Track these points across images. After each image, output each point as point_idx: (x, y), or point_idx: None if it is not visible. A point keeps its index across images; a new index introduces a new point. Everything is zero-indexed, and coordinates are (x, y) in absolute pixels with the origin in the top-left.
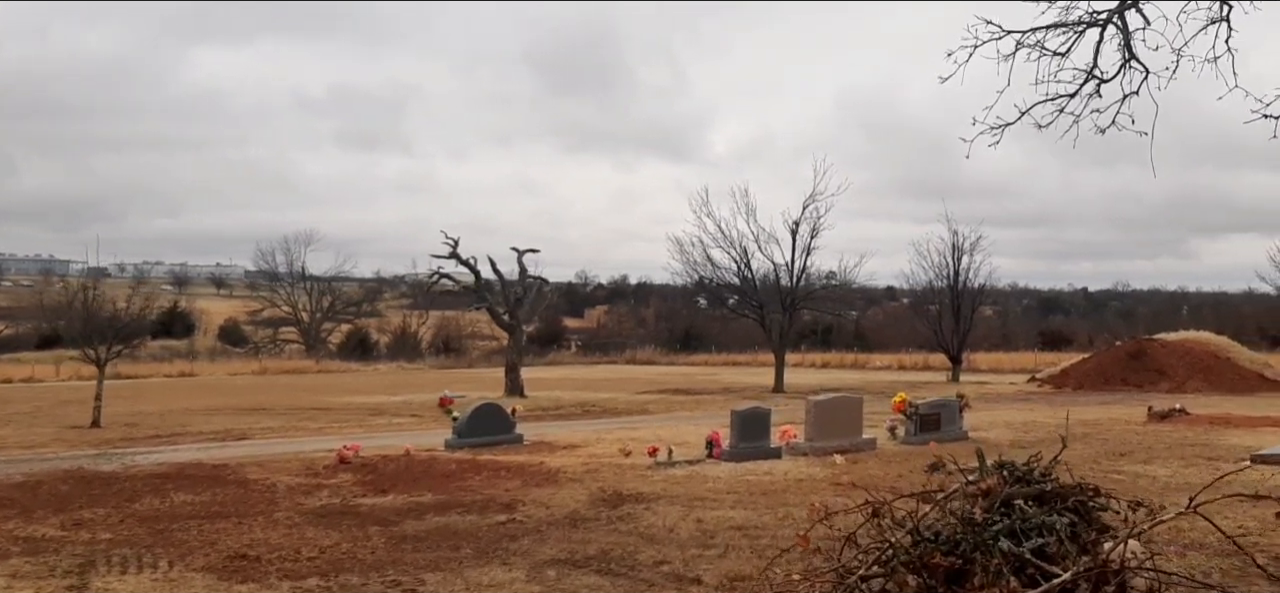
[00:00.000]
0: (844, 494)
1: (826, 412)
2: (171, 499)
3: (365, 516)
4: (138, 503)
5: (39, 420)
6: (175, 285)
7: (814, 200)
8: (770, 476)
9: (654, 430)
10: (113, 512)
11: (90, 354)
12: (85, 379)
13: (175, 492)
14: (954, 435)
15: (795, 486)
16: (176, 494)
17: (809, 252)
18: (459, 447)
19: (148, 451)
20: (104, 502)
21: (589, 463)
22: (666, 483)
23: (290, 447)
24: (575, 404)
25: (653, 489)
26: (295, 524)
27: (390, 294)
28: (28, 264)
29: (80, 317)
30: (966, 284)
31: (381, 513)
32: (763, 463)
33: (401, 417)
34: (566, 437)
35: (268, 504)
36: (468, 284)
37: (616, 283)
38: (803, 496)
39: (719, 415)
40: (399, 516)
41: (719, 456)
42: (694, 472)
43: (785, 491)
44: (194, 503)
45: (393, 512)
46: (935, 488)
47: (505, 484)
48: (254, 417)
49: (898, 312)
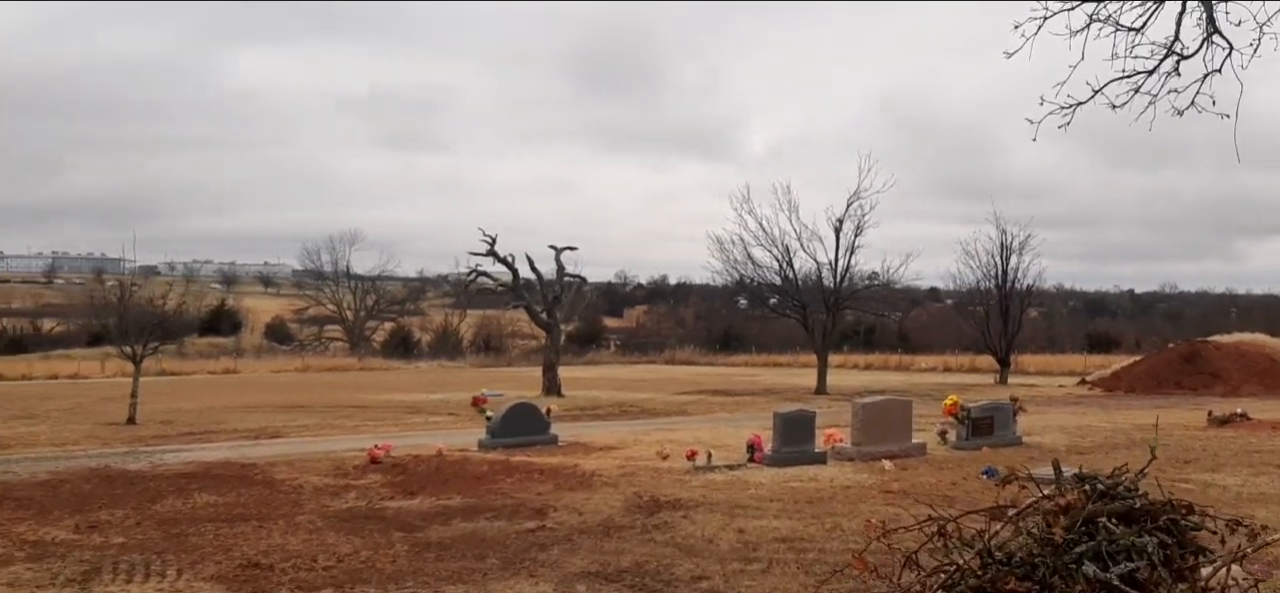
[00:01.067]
0: (894, 503)
1: (874, 415)
2: (194, 500)
3: (390, 520)
4: (159, 504)
5: (77, 417)
6: (223, 284)
7: (858, 198)
8: (815, 482)
9: (693, 433)
10: (131, 513)
11: (127, 351)
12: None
13: (199, 492)
14: (1007, 440)
15: (842, 493)
16: (200, 495)
17: (853, 250)
18: (492, 447)
19: (179, 449)
20: (124, 502)
21: (625, 466)
22: (706, 489)
23: (323, 446)
24: (612, 404)
25: (691, 496)
26: (316, 529)
27: (433, 293)
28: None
29: (117, 313)
30: (1015, 285)
31: (407, 517)
32: (807, 468)
33: (438, 416)
34: (603, 438)
35: (292, 507)
36: (506, 283)
37: (656, 283)
38: (850, 504)
39: (760, 418)
40: (425, 520)
41: (761, 460)
42: (735, 477)
43: (832, 499)
44: (216, 505)
45: (419, 516)
46: (1006, 502)
47: (537, 488)
48: (290, 415)
49: (941, 313)
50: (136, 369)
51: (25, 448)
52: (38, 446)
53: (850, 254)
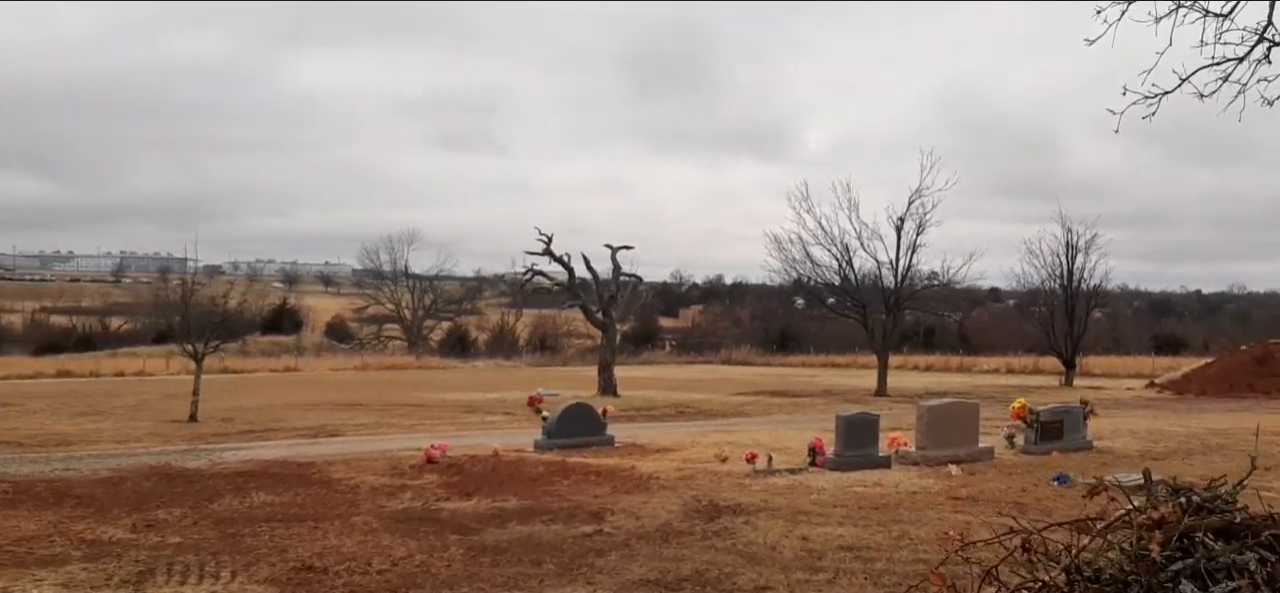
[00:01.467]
0: (963, 510)
1: (940, 418)
2: (252, 499)
3: (445, 522)
4: (216, 503)
5: (140, 414)
6: (285, 283)
7: (920, 196)
8: (880, 487)
9: (752, 434)
10: (189, 512)
11: (189, 349)
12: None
13: (257, 491)
14: (1077, 445)
15: (908, 499)
16: (258, 494)
17: (914, 249)
18: (548, 448)
19: (238, 447)
20: (183, 501)
21: (683, 469)
22: (767, 493)
23: (380, 445)
24: (669, 405)
25: (752, 500)
26: (372, 530)
27: (490, 292)
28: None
29: (180, 312)
30: (1081, 285)
31: (463, 519)
32: (871, 473)
33: (494, 415)
34: (660, 439)
35: (348, 507)
36: (562, 282)
37: (712, 282)
38: (917, 511)
39: (820, 420)
40: (481, 523)
41: (823, 464)
42: (796, 482)
43: (898, 505)
44: (273, 504)
45: (474, 518)
46: (1094, 515)
47: (594, 490)
48: (349, 413)
49: (1003, 313)
50: (198, 367)
51: (89, 445)
52: (101, 443)
53: (911, 253)
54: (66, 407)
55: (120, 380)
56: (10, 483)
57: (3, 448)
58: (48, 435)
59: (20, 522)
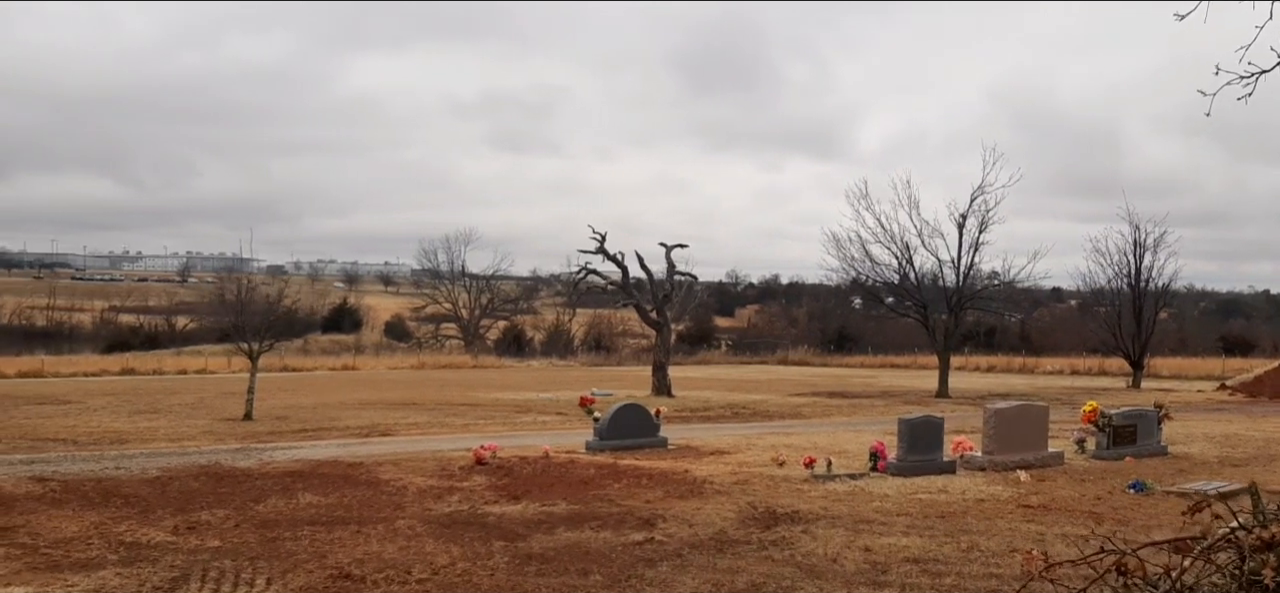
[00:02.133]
0: (1034, 519)
1: (1008, 422)
2: (298, 500)
3: (491, 527)
4: (262, 504)
5: (197, 412)
6: (346, 283)
7: (982, 192)
8: (946, 494)
9: (809, 437)
10: (232, 514)
11: (244, 348)
12: None
13: (304, 492)
14: (1151, 450)
15: (975, 507)
16: (304, 495)
17: (977, 247)
18: (600, 449)
19: (290, 446)
20: (229, 502)
21: (738, 473)
22: (826, 500)
23: (431, 444)
24: (724, 406)
25: (811, 507)
26: (415, 535)
27: (546, 292)
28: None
29: (235, 311)
30: (1149, 284)
31: (510, 524)
32: (935, 479)
33: (547, 415)
34: (714, 441)
35: (394, 509)
36: (616, 281)
37: (767, 282)
38: (986, 520)
39: (879, 422)
40: (528, 528)
41: (884, 468)
42: (857, 487)
43: (965, 513)
44: (318, 506)
45: (522, 523)
46: (1198, 534)
47: (645, 495)
48: (402, 412)
49: (1064, 313)
50: (253, 366)
51: (143, 443)
52: (155, 441)
53: (974, 251)
54: (126, 404)
55: (181, 378)
56: (60, 481)
57: (58, 445)
58: (104, 433)
59: (64, 522)
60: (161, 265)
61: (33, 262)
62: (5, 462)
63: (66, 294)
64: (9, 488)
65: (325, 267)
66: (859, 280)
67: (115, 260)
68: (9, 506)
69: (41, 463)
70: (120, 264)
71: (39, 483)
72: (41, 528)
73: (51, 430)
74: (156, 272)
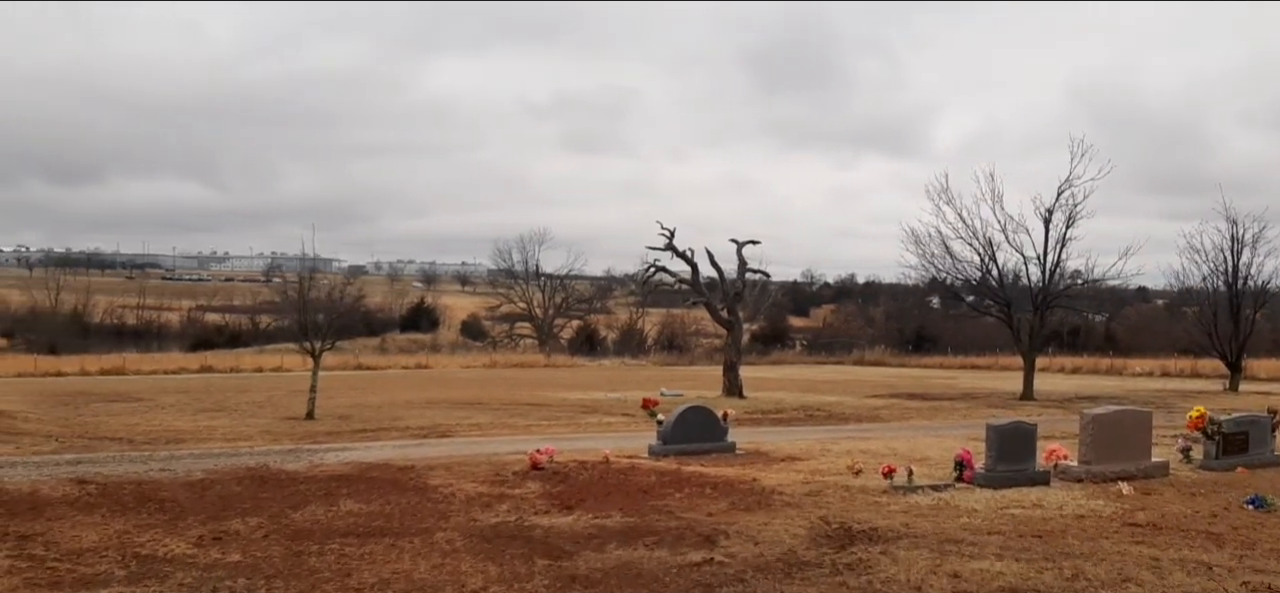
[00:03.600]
0: (1144, 540)
1: (1108, 428)
2: (338, 508)
3: (537, 542)
4: (299, 512)
5: (262, 411)
6: (424, 282)
7: (1069, 186)
8: (1041, 510)
9: (887, 442)
10: (265, 523)
11: (306, 347)
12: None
13: (346, 499)
14: (1265, 460)
15: (1076, 525)
16: (346, 502)
17: (1063, 243)
18: (663, 454)
19: (344, 447)
20: (266, 508)
21: (811, 482)
22: (908, 515)
23: (489, 447)
24: (797, 407)
25: (890, 524)
26: (453, 551)
27: (620, 292)
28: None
29: (296, 309)
30: (1247, 283)
31: (557, 539)
32: (1028, 492)
33: (613, 416)
34: (786, 446)
35: (437, 519)
36: (685, 279)
37: (843, 281)
38: (1089, 541)
39: (961, 426)
40: (576, 544)
41: (971, 479)
42: (941, 500)
43: (1064, 532)
44: (357, 515)
45: (571, 538)
46: None
47: (708, 506)
48: (466, 412)
49: (1150, 313)
50: (315, 365)
51: (198, 443)
52: (211, 441)
53: (1060, 247)
54: (195, 402)
55: (255, 376)
56: (99, 484)
57: (114, 444)
58: (162, 432)
59: (86, 530)
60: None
61: (125, 262)
62: (53, 462)
63: (156, 294)
64: (46, 491)
65: (404, 267)
66: (938, 279)
67: (203, 261)
68: (39, 510)
69: (88, 464)
70: (208, 264)
71: (78, 485)
72: (60, 537)
73: (112, 429)
74: (243, 272)
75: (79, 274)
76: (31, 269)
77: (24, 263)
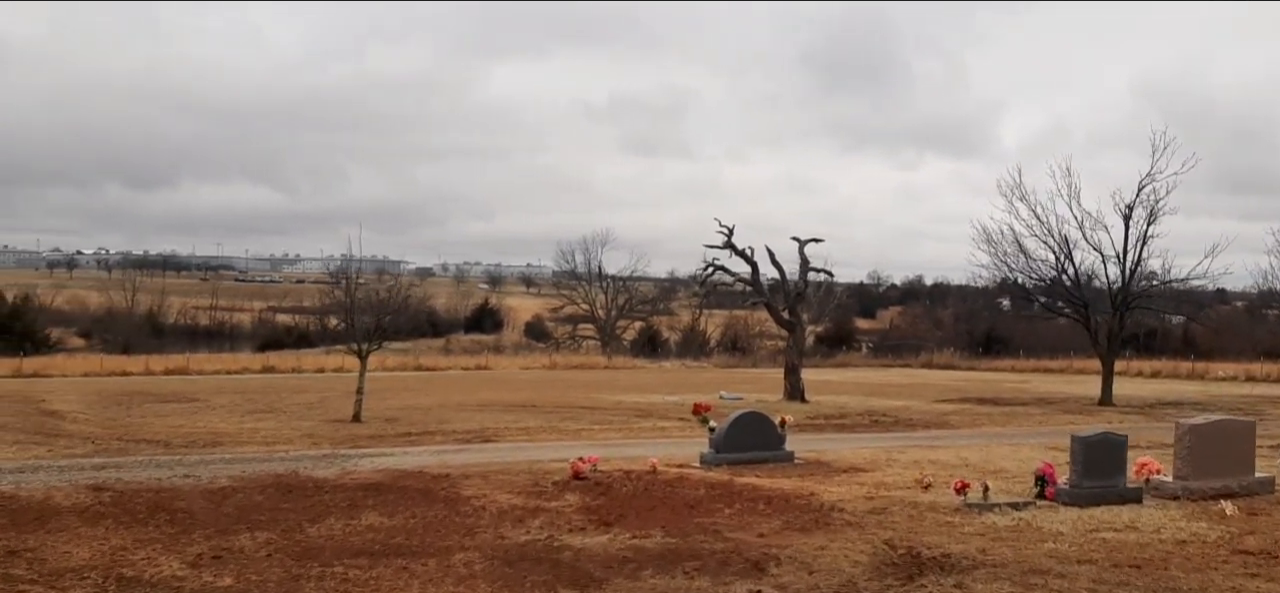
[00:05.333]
0: (1261, 572)
1: (1207, 440)
2: (358, 522)
3: (564, 567)
4: (316, 526)
5: (311, 412)
6: (490, 284)
7: (1151, 180)
8: (1136, 533)
9: (958, 452)
10: (275, 538)
11: (353, 348)
12: (387, 371)
13: (370, 511)
14: None
15: (1178, 553)
16: (368, 515)
17: (1144, 241)
18: (715, 463)
19: (384, 452)
20: (279, 522)
21: (875, 497)
22: (984, 538)
23: (533, 453)
24: (862, 412)
25: (965, 549)
26: (469, 576)
27: (683, 293)
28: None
29: (344, 310)
30: None
31: (588, 563)
32: (1119, 512)
33: (668, 421)
34: (849, 456)
35: (461, 536)
36: (745, 278)
37: (910, 283)
38: (1196, 572)
39: (1038, 434)
40: (607, 569)
41: (1053, 496)
42: (1021, 521)
43: (1166, 563)
44: (377, 530)
45: (602, 562)
46: None
47: (760, 525)
48: (516, 415)
49: (1229, 314)
50: (362, 366)
51: (234, 446)
52: (249, 444)
53: (1140, 245)
54: (248, 403)
55: (316, 376)
56: (116, 492)
57: (149, 447)
58: (202, 435)
59: (81, 546)
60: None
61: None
62: (77, 467)
63: (228, 295)
64: (58, 499)
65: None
66: (1008, 281)
67: (275, 263)
68: (44, 520)
69: (113, 469)
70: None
71: (94, 492)
72: (49, 554)
73: (154, 430)
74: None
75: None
76: (110, 271)
77: (103, 265)
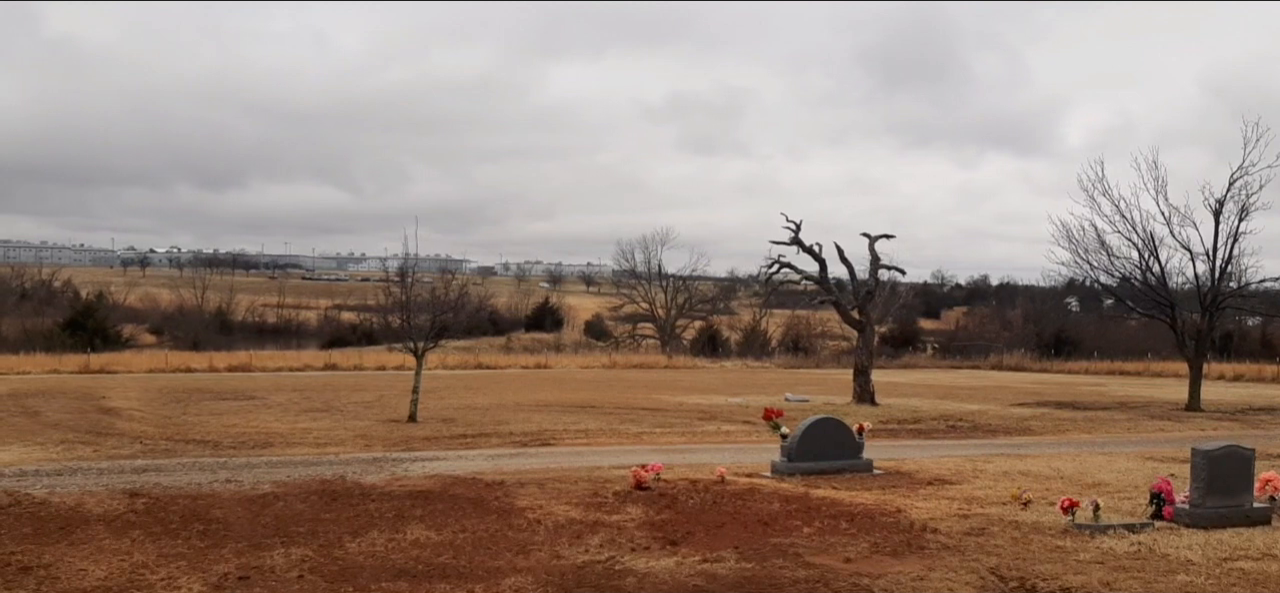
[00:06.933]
0: None
1: None
2: (403, 536)
3: None
4: (357, 541)
5: (367, 412)
6: (550, 283)
7: (1244, 174)
8: (1276, 561)
9: (1048, 462)
10: (310, 555)
11: (410, 347)
12: (448, 369)
13: (416, 523)
14: None
15: None
16: (414, 528)
17: (1236, 237)
18: (788, 473)
19: (436, 456)
20: (319, 535)
21: (969, 514)
22: (1105, 568)
23: (593, 458)
24: (936, 417)
25: (1085, 582)
26: None
27: (743, 293)
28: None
29: (400, 308)
30: None
31: (650, 591)
32: (1250, 536)
33: (732, 424)
34: (931, 465)
35: (513, 554)
36: (812, 276)
37: (975, 282)
38: None
39: (1131, 443)
40: None
41: (1171, 516)
42: (1141, 546)
43: None
44: (421, 547)
45: (669, 591)
46: None
47: (845, 548)
48: (575, 416)
49: None
50: (418, 365)
51: (285, 448)
52: (300, 446)
53: (1231, 242)
54: (305, 401)
55: (376, 374)
56: (152, 498)
57: (197, 448)
58: (253, 435)
59: (101, 562)
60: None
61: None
62: (118, 470)
63: (295, 293)
64: (90, 505)
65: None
66: (1093, 278)
67: (342, 261)
68: (70, 530)
69: (154, 472)
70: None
71: (129, 498)
72: (63, 571)
73: (205, 430)
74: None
75: (224, 274)
76: (181, 269)
77: (175, 263)
